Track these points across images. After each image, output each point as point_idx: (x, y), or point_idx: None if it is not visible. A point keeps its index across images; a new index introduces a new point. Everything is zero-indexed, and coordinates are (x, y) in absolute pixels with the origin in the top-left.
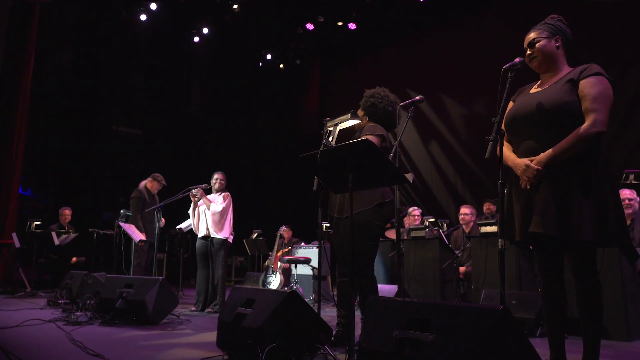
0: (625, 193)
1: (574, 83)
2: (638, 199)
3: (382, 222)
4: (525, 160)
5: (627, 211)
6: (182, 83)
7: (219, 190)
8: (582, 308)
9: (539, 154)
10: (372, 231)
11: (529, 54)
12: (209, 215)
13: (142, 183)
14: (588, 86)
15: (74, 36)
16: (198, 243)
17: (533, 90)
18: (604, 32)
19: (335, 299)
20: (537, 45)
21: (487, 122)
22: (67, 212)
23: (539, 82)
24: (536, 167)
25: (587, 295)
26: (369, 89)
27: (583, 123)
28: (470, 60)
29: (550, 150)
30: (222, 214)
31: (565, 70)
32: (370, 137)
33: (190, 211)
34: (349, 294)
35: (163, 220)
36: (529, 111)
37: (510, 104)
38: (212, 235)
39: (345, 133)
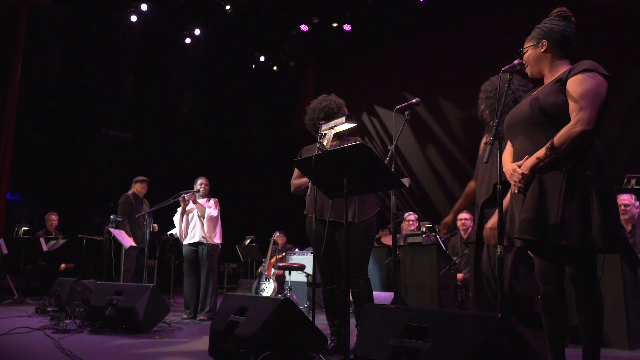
0: (623, 198)
1: (562, 83)
2: (637, 203)
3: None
4: (513, 165)
5: (624, 217)
6: (174, 86)
7: (204, 196)
8: (581, 316)
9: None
10: (374, 236)
11: (524, 64)
12: (202, 221)
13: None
14: (574, 84)
15: (62, 37)
16: (186, 250)
17: (533, 93)
18: (605, 33)
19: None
20: (524, 56)
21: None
22: (53, 218)
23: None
24: (521, 171)
25: (586, 302)
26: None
27: None
28: (468, 62)
29: (536, 153)
30: (217, 219)
31: (563, 69)
32: None
33: (178, 217)
34: (344, 300)
35: (156, 226)
36: (521, 114)
37: None
38: (207, 241)
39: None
